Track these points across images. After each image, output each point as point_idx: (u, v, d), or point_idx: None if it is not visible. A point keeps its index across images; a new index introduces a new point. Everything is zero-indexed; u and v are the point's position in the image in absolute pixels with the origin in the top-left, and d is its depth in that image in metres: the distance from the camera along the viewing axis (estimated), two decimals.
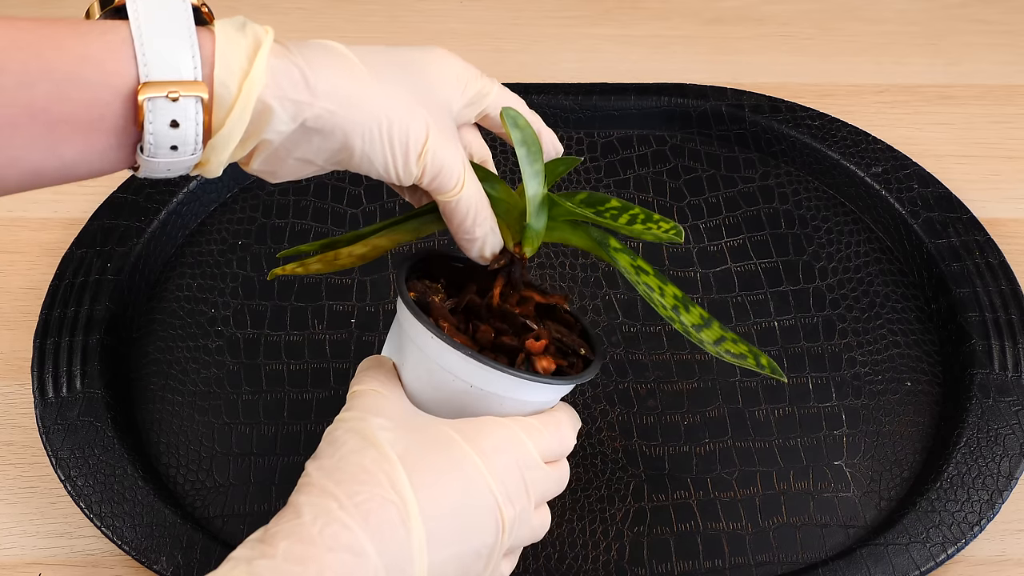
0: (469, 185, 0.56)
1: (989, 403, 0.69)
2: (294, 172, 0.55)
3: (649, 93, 0.87)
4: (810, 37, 0.98)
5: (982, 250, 0.77)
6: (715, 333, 0.59)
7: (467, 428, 0.54)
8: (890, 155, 0.83)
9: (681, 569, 0.64)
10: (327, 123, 0.52)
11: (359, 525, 0.49)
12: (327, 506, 0.49)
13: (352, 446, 0.52)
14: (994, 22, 0.99)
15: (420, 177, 0.55)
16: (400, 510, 0.50)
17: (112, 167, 0.51)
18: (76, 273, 0.75)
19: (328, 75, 0.52)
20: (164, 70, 0.48)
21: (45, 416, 0.68)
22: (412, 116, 0.54)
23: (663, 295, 0.59)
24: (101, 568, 0.65)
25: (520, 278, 0.60)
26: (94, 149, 0.50)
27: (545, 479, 0.55)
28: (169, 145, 0.50)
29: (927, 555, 0.63)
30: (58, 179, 0.51)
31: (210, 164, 0.51)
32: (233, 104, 0.50)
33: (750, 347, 0.59)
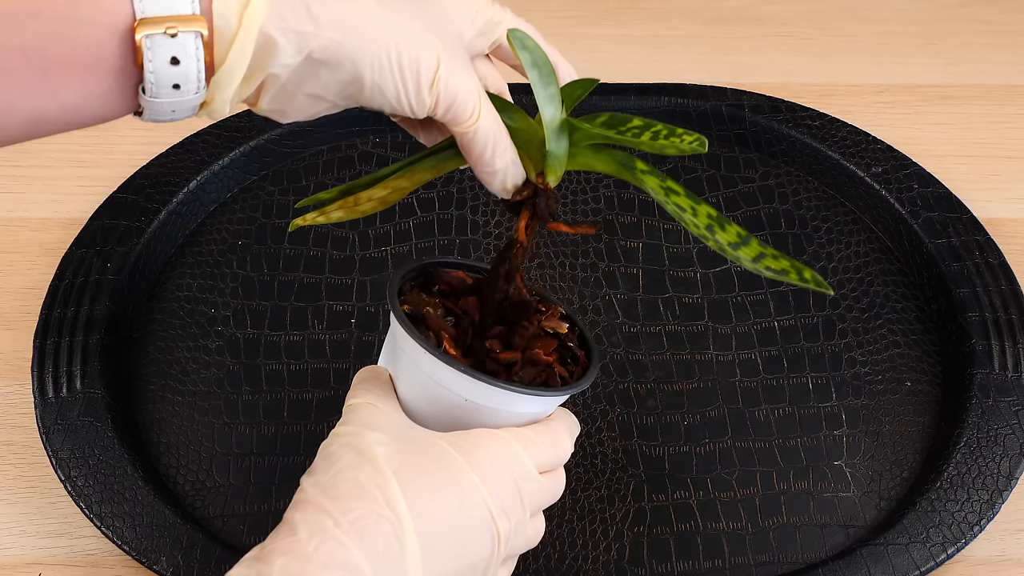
0: (486, 115, 0.54)
1: (989, 403, 0.69)
2: (305, 110, 0.53)
3: (649, 93, 0.87)
4: (810, 37, 0.98)
5: (982, 250, 0.77)
6: (753, 250, 0.56)
7: (462, 442, 0.53)
8: (890, 155, 0.83)
9: (681, 569, 0.64)
10: (334, 53, 0.50)
11: (354, 542, 0.48)
12: (322, 523, 0.49)
13: (347, 461, 0.51)
14: (994, 22, 0.99)
15: (434, 107, 0.53)
16: (395, 527, 0.49)
17: (115, 112, 0.49)
18: (76, 273, 0.75)
19: (331, 4, 0.50)
20: (160, 5, 0.47)
21: (45, 416, 0.68)
22: (422, 43, 0.52)
23: (696, 215, 0.56)
24: (101, 568, 0.65)
25: (546, 209, 0.58)
26: (94, 93, 0.48)
27: (540, 490, 0.54)
28: (171, 84, 0.48)
29: (927, 555, 0.63)
30: (61, 126, 0.49)
31: (215, 103, 0.50)
32: (234, 37, 0.48)
33: (792, 261, 0.56)
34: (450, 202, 0.82)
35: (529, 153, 0.57)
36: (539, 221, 0.58)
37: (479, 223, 0.81)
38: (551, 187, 0.57)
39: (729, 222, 0.56)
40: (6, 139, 0.49)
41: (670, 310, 0.76)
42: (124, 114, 0.50)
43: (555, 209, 0.58)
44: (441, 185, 0.82)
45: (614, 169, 0.58)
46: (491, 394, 0.54)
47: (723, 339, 0.75)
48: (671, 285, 0.78)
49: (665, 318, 0.76)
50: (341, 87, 0.52)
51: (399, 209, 0.81)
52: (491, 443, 0.53)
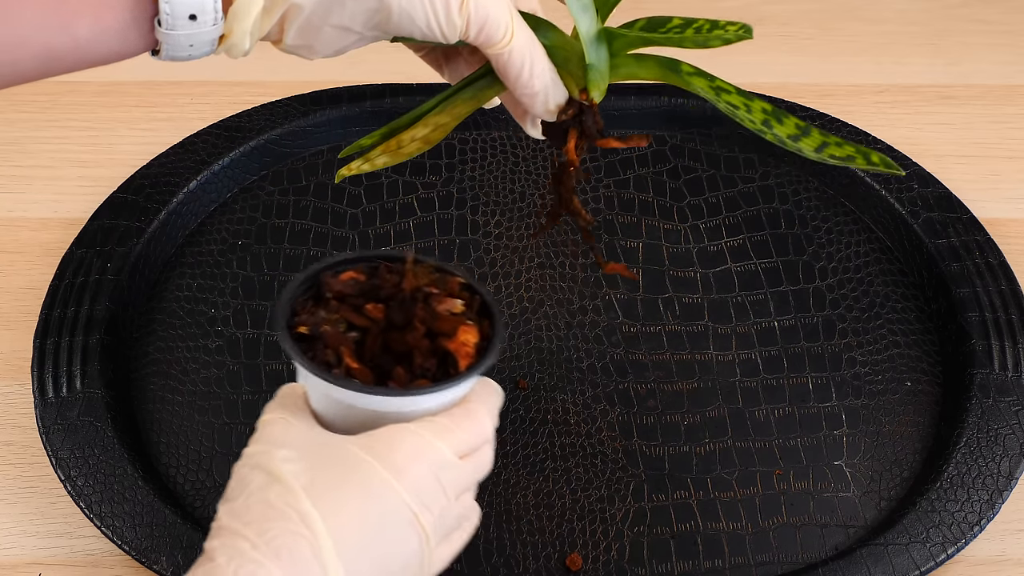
0: (520, 33, 0.53)
1: (989, 403, 0.69)
2: (332, 44, 0.52)
3: (649, 93, 0.87)
4: (810, 37, 0.98)
5: (982, 250, 0.77)
6: (815, 140, 0.55)
7: (375, 444, 0.51)
8: (890, 155, 0.83)
9: (681, 569, 0.64)
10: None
11: (272, 563, 0.47)
12: (240, 547, 0.48)
13: (258, 483, 0.50)
14: (994, 22, 0.99)
15: (466, 30, 0.52)
16: (311, 543, 0.48)
17: (131, 48, 0.48)
18: (76, 273, 0.75)
19: None
20: None
21: (45, 416, 0.68)
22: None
23: (750, 111, 0.55)
24: (101, 568, 0.65)
25: (594, 126, 0.56)
26: (108, 26, 0.47)
27: (462, 475, 0.53)
28: (187, 14, 0.47)
29: (927, 555, 0.63)
30: (76, 62, 0.48)
31: (233, 35, 0.48)
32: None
33: (857, 147, 0.54)
34: (450, 202, 0.82)
35: (569, 70, 0.56)
36: (587, 140, 0.56)
37: (479, 223, 0.81)
38: (596, 102, 0.55)
39: (786, 115, 0.55)
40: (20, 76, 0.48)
41: (670, 310, 0.76)
42: (141, 51, 0.49)
43: (602, 125, 0.56)
44: (441, 185, 0.83)
45: (659, 74, 0.56)
46: (391, 403, 0.53)
47: (723, 339, 0.75)
48: (671, 285, 0.78)
49: (665, 318, 0.76)
50: (368, 15, 0.50)
51: (399, 209, 0.81)
52: (404, 440, 0.51)
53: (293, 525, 0.48)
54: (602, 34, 0.55)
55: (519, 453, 0.69)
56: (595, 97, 0.55)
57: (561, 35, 0.56)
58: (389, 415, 0.53)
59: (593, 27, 0.54)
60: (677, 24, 0.55)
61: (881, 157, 0.54)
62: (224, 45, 0.49)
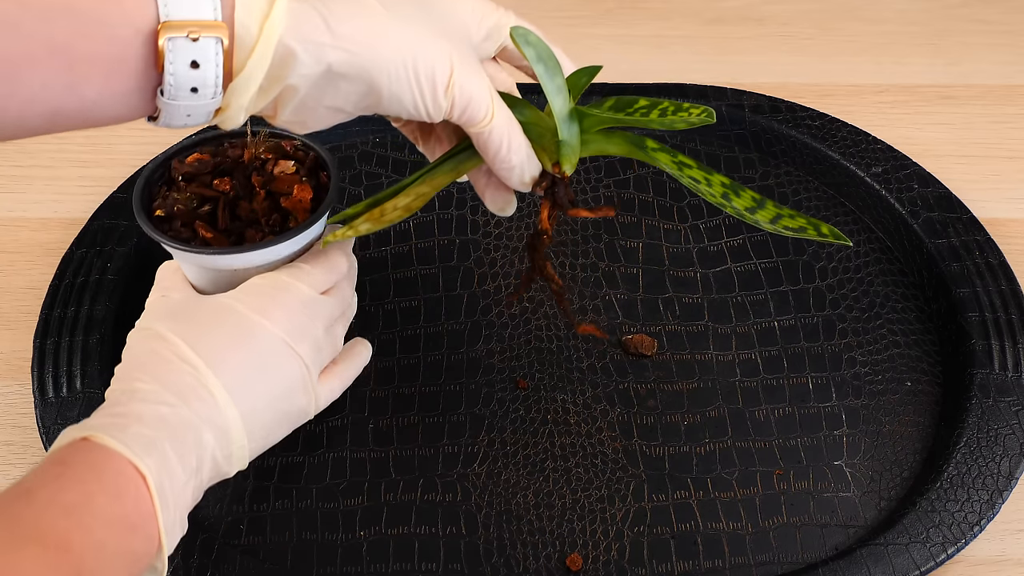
0: (499, 113, 0.56)
1: (989, 403, 0.69)
2: (324, 120, 0.55)
3: (649, 93, 0.87)
4: (810, 37, 0.98)
5: (982, 250, 0.77)
6: (770, 212, 0.58)
7: (243, 295, 0.59)
8: (890, 155, 0.83)
9: (681, 569, 0.64)
10: (352, 65, 0.52)
11: (163, 388, 0.55)
12: (133, 386, 0.55)
13: (142, 346, 0.58)
14: (994, 22, 0.99)
15: (450, 110, 0.55)
16: (194, 375, 0.55)
17: (132, 112, 0.51)
18: (76, 273, 0.75)
19: (347, 17, 0.52)
20: (185, 10, 0.48)
21: (45, 416, 0.68)
22: (435, 49, 0.54)
23: (710, 184, 0.58)
24: None
25: (566, 197, 0.60)
26: (115, 91, 0.49)
27: (324, 307, 0.61)
28: (189, 87, 0.49)
29: (927, 555, 0.63)
30: (80, 121, 0.50)
31: (230, 109, 0.51)
32: (254, 46, 0.50)
33: (808, 219, 0.58)
34: (450, 202, 0.82)
35: (543, 145, 0.59)
36: (559, 209, 0.60)
37: (479, 223, 0.81)
38: (567, 175, 0.59)
39: (743, 188, 0.59)
40: (25, 131, 0.50)
41: (670, 310, 0.76)
42: (141, 116, 0.52)
43: (574, 196, 0.60)
44: None
45: (627, 150, 0.59)
46: (243, 259, 0.61)
47: (723, 339, 0.75)
48: (671, 285, 0.78)
49: (665, 318, 0.76)
50: (360, 98, 0.54)
51: None
52: (265, 284, 0.60)
53: (176, 364, 0.56)
54: (574, 113, 0.58)
55: (519, 453, 0.69)
56: (567, 170, 0.59)
57: (536, 112, 0.60)
58: (250, 270, 0.62)
59: (566, 107, 0.58)
60: (643, 105, 0.58)
61: (831, 229, 0.58)
62: (219, 117, 0.52)
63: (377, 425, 0.70)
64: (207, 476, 0.56)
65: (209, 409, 0.55)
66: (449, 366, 0.73)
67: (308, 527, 0.66)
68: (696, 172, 0.58)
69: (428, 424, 0.70)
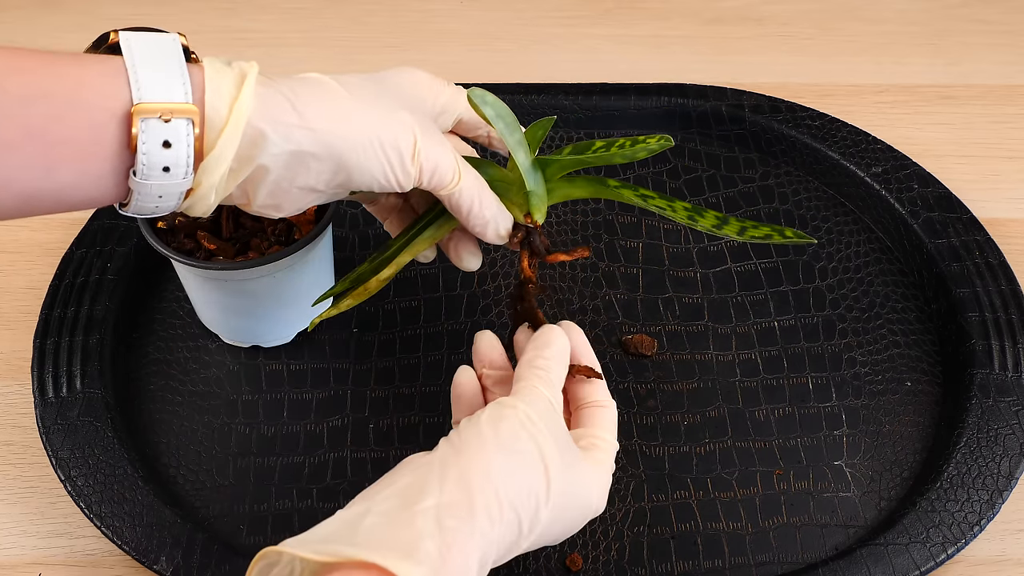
0: (466, 174, 0.59)
1: (989, 403, 0.69)
2: (297, 202, 0.57)
3: (649, 93, 0.87)
4: (810, 37, 0.98)
5: (982, 250, 0.77)
6: (735, 227, 0.61)
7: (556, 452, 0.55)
8: (890, 155, 0.83)
9: (681, 569, 0.64)
10: (320, 143, 0.54)
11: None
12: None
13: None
14: (994, 22, 0.99)
15: (419, 177, 0.57)
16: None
17: (106, 196, 0.52)
18: (76, 273, 0.75)
19: (312, 100, 0.54)
20: (157, 93, 0.50)
21: (45, 416, 0.68)
22: (398, 122, 0.56)
23: (674, 211, 0.61)
24: (101, 568, 0.65)
25: (542, 244, 0.62)
26: (89, 174, 0.51)
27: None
28: (161, 166, 0.51)
29: (927, 555, 0.63)
30: (52, 205, 0.52)
31: (201, 188, 0.52)
32: (224, 126, 0.51)
33: (772, 226, 0.62)
34: None
35: (511, 199, 0.62)
36: (537, 258, 0.63)
37: None
38: (539, 224, 0.62)
39: (704, 210, 0.62)
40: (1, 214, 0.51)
41: (670, 310, 0.76)
42: (114, 200, 0.53)
43: (548, 243, 0.63)
44: None
45: (591, 191, 0.63)
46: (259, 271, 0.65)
47: (723, 339, 0.75)
48: (671, 285, 0.78)
49: (665, 318, 0.76)
50: (331, 175, 0.55)
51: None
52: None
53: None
54: (536, 163, 0.61)
55: None
56: (538, 219, 0.61)
57: (499, 169, 0.62)
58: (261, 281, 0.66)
59: (528, 158, 0.60)
60: (600, 146, 0.61)
61: (793, 231, 0.61)
62: (190, 199, 0.53)
63: (377, 425, 0.70)
64: None
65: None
66: (449, 366, 0.73)
67: (309, 527, 0.66)
68: (660, 201, 0.62)
69: (428, 424, 0.71)
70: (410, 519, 0.49)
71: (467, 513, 0.50)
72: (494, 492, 0.51)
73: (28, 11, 0.99)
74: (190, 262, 0.66)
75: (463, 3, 1.01)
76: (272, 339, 0.74)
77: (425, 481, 0.51)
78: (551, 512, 0.53)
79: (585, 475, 0.56)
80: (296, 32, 0.98)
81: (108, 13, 0.99)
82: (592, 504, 0.57)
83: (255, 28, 0.98)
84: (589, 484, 0.56)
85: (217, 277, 0.67)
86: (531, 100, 0.87)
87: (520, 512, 0.52)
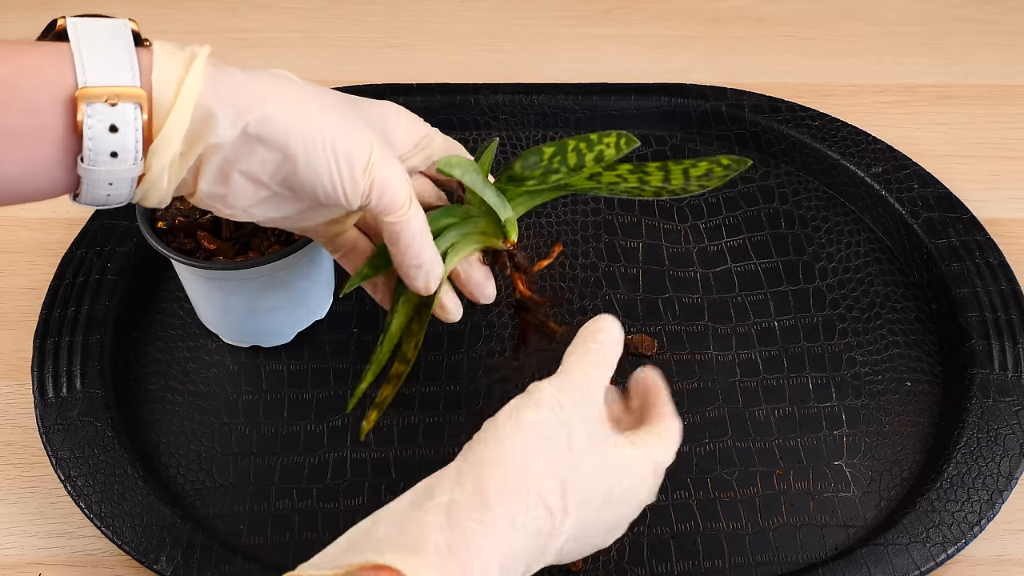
0: (417, 207, 0.57)
1: (989, 403, 0.69)
2: (244, 195, 0.55)
3: (649, 93, 0.87)
4: (810, 37, 0.98)
5: (982, 250, 0.77)
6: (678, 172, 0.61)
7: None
8: (890, 155, 0.83)
9: (681, 569, 0.64)
10: (267, 128, 0.52)
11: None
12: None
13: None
14: (994, 22, 0.99)
15: (368, 192, 0.55)
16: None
17: (55, 187, 0.51)
18: (76, 273, 0.75)
19: (269, 88, 0.53)
20: (103, 76, 0.49)
21: (45, 416, 0.68)
22: (355, 132, 0.54)
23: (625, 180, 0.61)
24: (101, 568, 0.65)
25: (525, 261, 0.63)
26: (36, 163, 0.50)
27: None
28: (109, 151, 0.50)
29: (927, 555, 0.63)
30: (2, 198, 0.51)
31: (152, 172, 0.51)
32: (172, 106, 0.50)
33: (708, 160, 0.60)
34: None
35: (488, 232, 0.62)
36: (527, 274, 0.64)
37: None
38: (516, 242, 0.62)
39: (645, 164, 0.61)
40: None
41: (670, 310, 0.76)
42: (64, 191, 0.52)
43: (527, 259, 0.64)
44: None
45: (551, 196, 0.63)
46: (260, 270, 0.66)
47: (723, 339, 0.75)
48: (671, 285, 0.78)
49: (665, 318, 0.76)
50: (276, 167, 0.54)
51: None
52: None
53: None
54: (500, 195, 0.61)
55: None
56: (514, 239, 0.62)
57: (460, 208, 0.62)
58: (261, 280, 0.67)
59: (497, 196, 0.60)
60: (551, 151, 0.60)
61: (729, 158, 0.60)
62: (143, 186, 0.52)
63: (377, 425, 0.70)
64: None
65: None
66: (449, 366, 0.73)
67: (309, 527, 0.66)
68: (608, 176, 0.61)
69: (428, 424, 0.71)
70: (420, 517, 0.48)
71: (481, 506, 0.49)
72: (512, 481, 0.50)
73: (28, 11, 0.99)
74: (190, 262, 0.66)
75: (463, 3, 1.01)
76: (272, 339, 0.74)
77: (438, 481, 0.51)
78: (583, 495, 0.51)
79: (621, 460, 0.54)
80: (296, 32, 0.98)
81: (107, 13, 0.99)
82: (634, 492, 0.54)
83: (255, 28, 0.98)
84: (626, 468, 0.54)
85: (217, 277, 0.67)
86: (531, 100, 0.87)
87: (546, 498, 0.50)
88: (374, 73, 0.92)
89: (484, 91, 0.87)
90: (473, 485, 0.50)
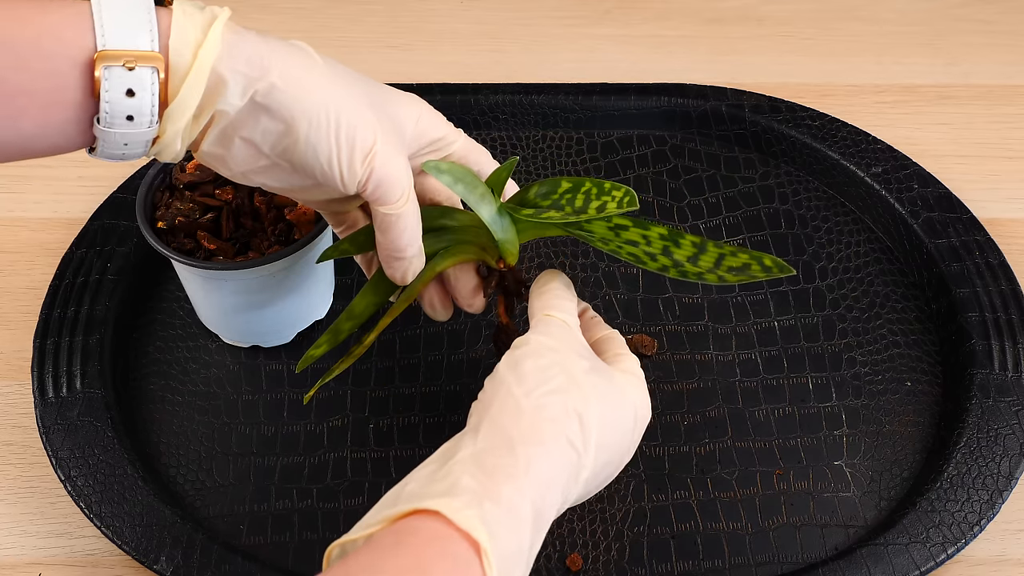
0: (413, 201, 0.57)
1: (989, 403, 0.69)
2: (242, 160, 0.55)
3: (649, 93, 0.87)
4: (810, 37, 0.98)
5: (982, 250, 0.77)
6: (712, 255, 0.57)
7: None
8: (890, 155, 0.83)
9: (681, 569, 0.64)
10: (274, 99, 0.52)
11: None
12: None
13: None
14: (994, 22, 0.99)
15: (365, 181, 0.55)
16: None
17: (71, 144, 0.51)
18: (76, 273, 0.75)
19: (283, 59, 0.53)
20: (121, 40, 0.49)
21: (45, 416, 0.68)
22: (363, 117, 0.54)
23: (649, 243, 0.58)
24: (101, 568, 0.65)
25: (516, 285, 0.62)
26: (53, 122, 0.50)
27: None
28: (125, 115, 0.50)
29: (927, 555, 0.63)
30: (17, 153, 0.51)
31: (166, 135, 0.52)
32: (188, 72, 0.50)
33: (750, 253, 0.57)
34: None
35: (482, 245, 0.61)
36: (515, 299, 0.63)
37: None
38: (513, 266, 0.61)
39: (681, 235, 0.58)
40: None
41: (670, 310, 0.76)
42: (79, 147, 0.52)
43: (523, 277, 0.63)
44: None
45: (561, 231, 0.61)
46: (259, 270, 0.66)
47: (723, 339, 0.75)
48: (671, 285, 0.78)
49: (665, 318, 0.76)
50: (277, 137, 0.54)
51: None
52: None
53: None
54: (502, 211, 0.59)
55: None
56: (511, 263, 0.61)
57: (470, 216, 0.61)
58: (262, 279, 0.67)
59: (493, 211, 0.59)
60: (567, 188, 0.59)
61: (773, 259, 0.56)
62: (156, 146, 0.52)
63: (378, 425, 0.70)
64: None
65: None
66: (449, 366, 0.73)
67: (309, 527, 0.66)
68: (633, 234, 0.59)
69: (428, 424, 0.71)
70: (447, 471, 0.50)
71: (507, 452, 0.50)
72: (530, 423, 0.51)
73: None
74: (190, 262, 0.66)
75: (463, 3, 1.01)
76: (272, 339, 0.74)
77: (459, 440, 0.52)
78: (598, 417, 0.53)
79: (615, 378, 0.56)
80: (296, 32, 0.98)
81: None
82: (635, 407, 0.56)
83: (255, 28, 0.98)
84: (623, 385, 0.56)
85: (217, 277, 0.67)
86: (531, 100, 0.87)
87: (565, 430, 0.52)
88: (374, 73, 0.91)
89: (484, 91, 0.87)
90: (494, 436, 0.51)
